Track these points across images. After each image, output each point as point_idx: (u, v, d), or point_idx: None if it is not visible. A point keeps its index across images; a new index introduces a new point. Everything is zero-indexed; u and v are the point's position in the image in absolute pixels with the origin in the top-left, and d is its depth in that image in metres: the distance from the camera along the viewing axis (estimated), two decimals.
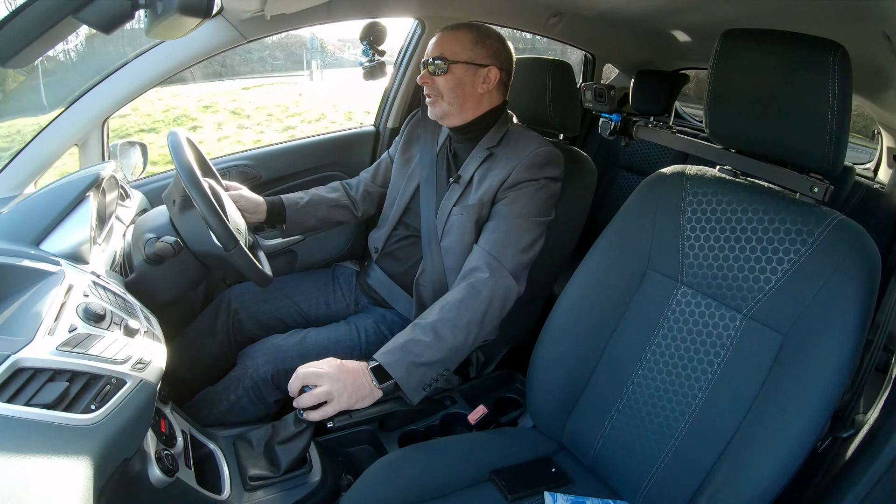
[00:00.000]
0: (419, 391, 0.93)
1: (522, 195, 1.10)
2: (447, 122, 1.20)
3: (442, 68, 1.14)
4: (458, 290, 1.02)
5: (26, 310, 0.65)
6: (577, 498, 0.91)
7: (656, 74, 1.98)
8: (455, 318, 0.96)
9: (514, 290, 1.05)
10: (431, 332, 0.94)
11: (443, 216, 1.18)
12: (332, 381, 0.87)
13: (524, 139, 1.17)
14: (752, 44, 0.79)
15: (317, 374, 0.88)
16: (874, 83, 1.36)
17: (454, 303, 0.99)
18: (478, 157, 1.18)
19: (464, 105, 1.16)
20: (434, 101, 1.17)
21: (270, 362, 1.12)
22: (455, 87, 1.15)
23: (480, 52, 1.15)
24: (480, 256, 1.06)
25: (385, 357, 0.92)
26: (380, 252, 1.30)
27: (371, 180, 1.42)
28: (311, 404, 0.86)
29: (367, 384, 0.90)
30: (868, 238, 0.74)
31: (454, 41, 1.15)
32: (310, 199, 1.33)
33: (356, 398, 0.88)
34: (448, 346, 0.94)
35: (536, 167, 1.11)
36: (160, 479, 0.73)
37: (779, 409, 0.73)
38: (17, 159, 1.11)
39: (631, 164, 2.37)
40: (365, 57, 1.51)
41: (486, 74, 1.16)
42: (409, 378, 0.91)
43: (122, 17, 0.67)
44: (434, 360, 0.93)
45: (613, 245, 0.97)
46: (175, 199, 0.96)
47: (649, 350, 0.91)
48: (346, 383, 0.88)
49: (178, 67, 1.22)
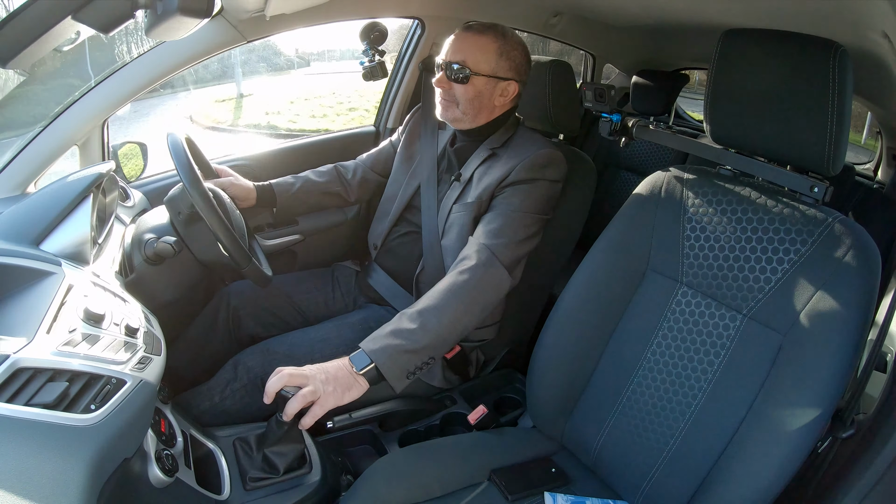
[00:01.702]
0: (402, 378, 0.90)
1: (520, 191, 1.10)
2: (456, 125, 1.18)
3: (463, 77, 1.10)
4: (447, 277, 0.99)
5: (26, 310, 0.65)
6: (577, 498, 0.91)
7: (656, 74, 1.98)
8: (442, 306, 0.94)
9: (505, 280, 1.02)
10: (418, 318, 0.92)
11: (444, 214, 1.17)
12: (314, 380, 0.84)
13: (529, 141, 1.16)
14: (752, 44, 0.79)
15: (299, 374, 0.84)
16: (874, 83, 1.36)
17: (441, 290, 0.96)
18: (480, 155, 1.18)
19: (477, 115, 1.15)
20: (447, 106, 1.14)
21: (260, 365, 1.10)
22: (473, 99, 1.12)
23: (504, 64, 1.11)
24: (472, 246, 1.04)
25: (368, 344, 0.89)
26: (379, 248, 1.29)
27: (371, 167, 1.40)
28: (299, 408, 0.82)
29: (350, 374, 0.86)
30: (868, 238, 0.74)
31: (478, 49, 1.10)
32: (301, 185, 1.32)
33: (342, 391, 0.85)
34: (433, 334, 0.91)
35: (537, 167, 1.11)
36: (160, 479, 0.73)
37: (779, 409, 0.73)
38: (17, 159, 1.11)
39: (631, 164, 2.36)
40: (365, 57, 1.51)
41: (506, 88, 1.14)
42: (391, 364, 0.88)
43: (122, 17, 0.67)
44: (418, 347, 0.90)
45: (613, 245, 0.97)
46: (182, 211, 0.96)
47: (649, 350, 0.91)
48: (329, 377, 0.85)
49: (178, 67, 1.22)
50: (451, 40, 1.13)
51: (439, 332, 0.92)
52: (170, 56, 1.20)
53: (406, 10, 1.54)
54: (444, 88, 1.12)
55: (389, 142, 1.41)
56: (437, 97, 1.16)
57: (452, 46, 1.12)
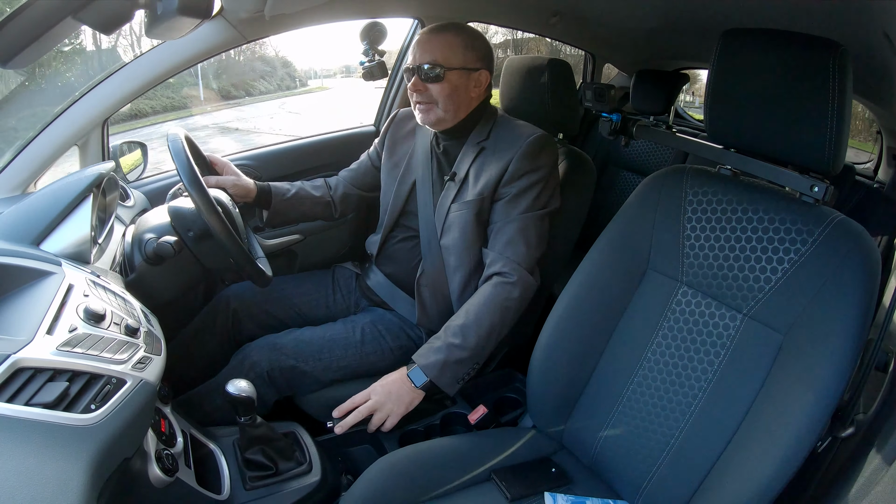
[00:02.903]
0: (454, 385, 1.06)
1: (524, 192, 1.12)
2: (439, 127, 1.19)
3: (437, 76, 1.11)
4: (483, 293, 1.09)
5: (26, 310, 0.65)
6: (577, 498, 0.91)
7: (656, 74, 1.98)
8: (481, 321, 1.06)
9: (532, 285, 1.12)
10: (460, 334, 1.06)
11: (441, 214, 1.17)
12: (377, 395, 1.03)
13: (514, 129, 1.17)
14: (752, 44, 0.79)
15: (364, 393, 1.04)
16: (874, 83, 1.36)
17: (478, 305, 1.08)
18: (470, 152, 1.18)
19: (458, 110, 1.16)
20: (427, 109, 1.15)
21: (266, 359, 1.11)
22: (451, 94, 1.13)
23: (471, 55, 1.14)
24: (499, 260, 1.11)
25: (421, 360, 1.05)
26: (377, 255, 1.29)
27: (350, 182, 1.40)
28: (356, 421, 1.02)
29: (410, 389, 1.04)
30: (868, 238, 0.74)
31: (445, 45, 1.12)
32: (295, 192, 1.32)
33: (404, 405, 1.04)
34: (475, 345, 1.05)
35: (532, 156, 1.12)
36: (160, 478, 0.73)
37: (779, 408, 0.73)
38: (17, 159, 1.11)
39: (631, 164, 2.36)
40: (365, 57, 1.51)
41: (478, 78, 1.15)
42: (445, 376, 1.04)
43: (122, 17, 0.67)
44: (464, 357, 1.05)
45: (613, 245, 0.97)
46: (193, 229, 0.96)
47: (649, 350, 0.91)
48: (391, 393, 1.03)
49: (178, 67, 1.22)
50: (416, 45, 1.15)
51: (480, 342, 1.06)
52: (170, 56, 1.20)
53: (406, 10, 1.54)
54: (420, 91, 1.13)
55: (367, 155, 1.41)
56: (415, 104, 1.16)
57: (419, 49, 1.13)
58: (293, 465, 0.96)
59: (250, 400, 0.89)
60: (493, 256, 1.12)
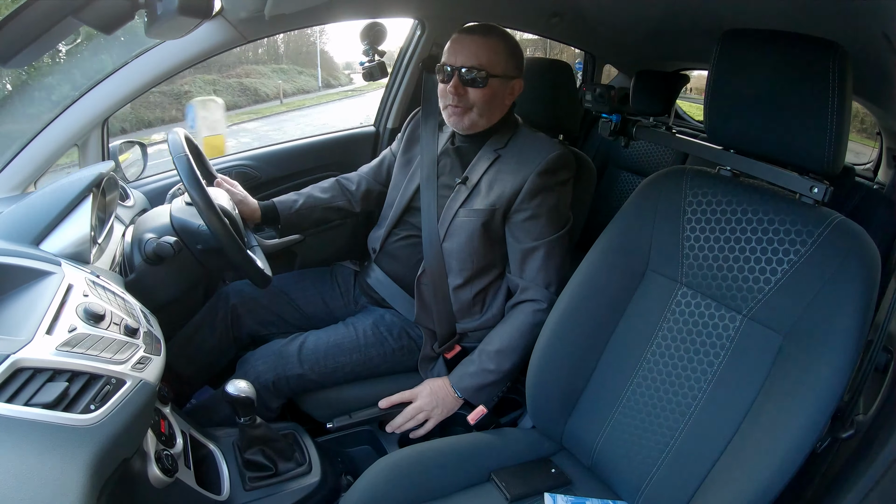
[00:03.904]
0: (490, 402, 1.14)
1: (544, 212, 1.12)
2: (469, 131, 1.17)
3: (480, 80, 1.09)
4: (518, 321, 1.13)
5: (26, 309, 0.65)
6: (577, 499, 0.91)
7: (656, 74, 1.98)
8: (515, 347, 1.11)
9: None
10: (495, 359, 1.11)
11: (447, 217, 1.17)
12: (425, 397, 1.12)
13: (533, 142, 1.16)
14: (752, 44, 0.79)
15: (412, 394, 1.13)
16: (874, 83, 1.36)
17: (513, 332, 1.13)
18: (486, 158, 1.17)
19: (492, 117, 1.15)
20: (462, 112, 1.12)
21: (272, 369, 1.12)
22: (490, 101, 1.12)
23: (512, 63, 1.13)
24: (530, 287, 1.13)
25: (456, 381, 1.13)
26: (378, 252, 1.29)
27: (374, 178, 1.40)
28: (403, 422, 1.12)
29: (454, 397, 1.13)
30: (868, 238, 0.74)
31: (491, 50, 1.09)
32: (304, 201, 1.31)
33: (448, 411, 1.13)
34: (508, 370, 1.12)
35: (550, 173, 1.11)
36: (160, 479, 0.73)
37: (778, 409, 0.73)
38: (17, 159, 1.10)
39: (631, 165, 2.36)
40: (365, 57, 1.51)
41: (514, 86, 1.15)
42: (478, 397, 1.13)
43: (122, 17, 0.67)
44: (498, 380, 1.12)
45: (613, 245, 0.97)
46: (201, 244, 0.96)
47: (649, 350, 0.91)
48: (439, 398, 1.12)
49: (178, 67, 1.22)
50: (456, 45, 1.11)
51: (514, 367, 1.12)
52: (170, 56, 1.19)
53: (406, 11, 1.53)
54: (459, 95, 1.10)
55: (390, 150, 1.41)
56: (447, 106, 1.14)
57: (464, 51, 1.10)
58: (293, 465, 0.96)
59: (250, 400, 0.89)
60: (524, 284, 1.14)
